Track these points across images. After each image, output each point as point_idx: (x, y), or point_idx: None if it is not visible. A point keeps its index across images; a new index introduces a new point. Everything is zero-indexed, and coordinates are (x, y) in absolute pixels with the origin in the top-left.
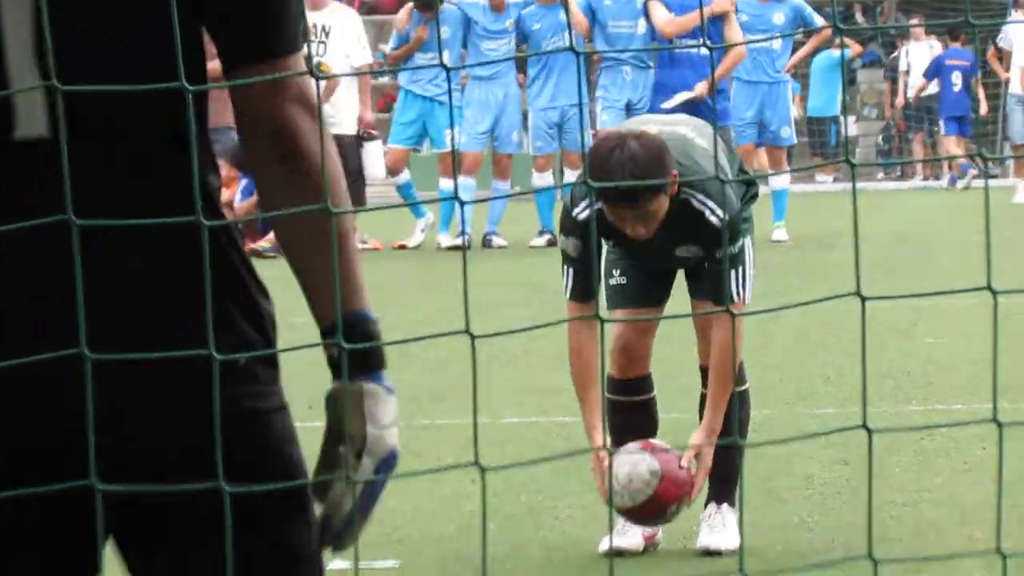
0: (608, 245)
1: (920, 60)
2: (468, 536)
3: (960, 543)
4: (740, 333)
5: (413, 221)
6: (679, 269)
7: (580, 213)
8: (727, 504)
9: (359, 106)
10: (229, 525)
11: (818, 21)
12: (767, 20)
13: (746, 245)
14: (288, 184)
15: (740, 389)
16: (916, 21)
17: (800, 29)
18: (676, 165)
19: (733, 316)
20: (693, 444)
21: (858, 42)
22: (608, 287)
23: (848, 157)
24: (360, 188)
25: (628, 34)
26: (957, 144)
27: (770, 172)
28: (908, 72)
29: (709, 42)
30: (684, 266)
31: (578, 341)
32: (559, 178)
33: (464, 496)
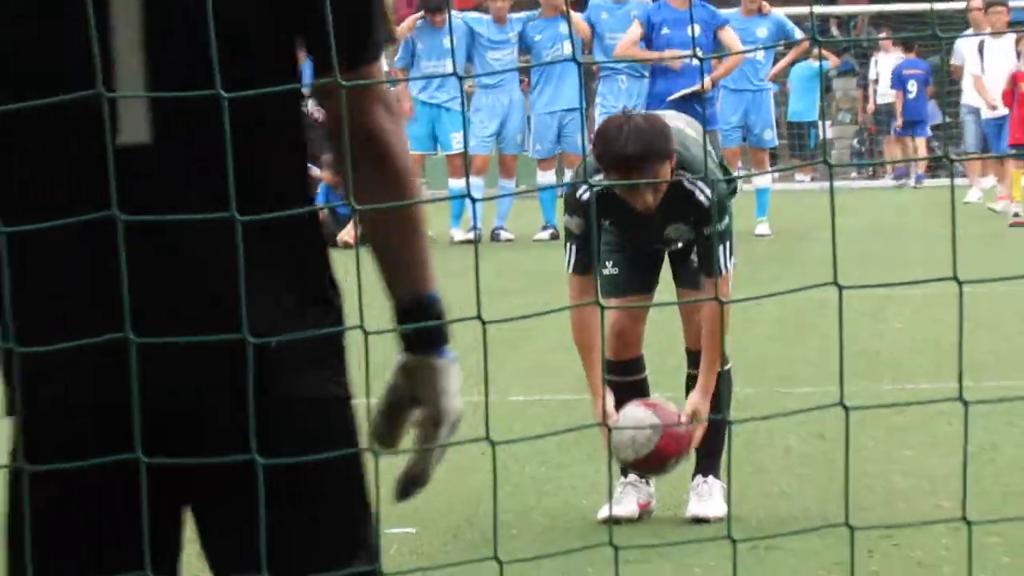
0: (607, 225)
1: (888, 70)
2: (479, 504)
3: (928, 511)
4: (726, 298)
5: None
6: (665, 250)
7: (583, 193)
8: (714, 476)
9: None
10: (258, 498)
11: (797, 34)
12: (751, 33)
13: (730, 225)
14: (377, 181)
15: (723, 369)
16: (885, 34)
17: (781, 41)
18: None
19: (721, 303)
20: (691, 402)
21: (834, 53)
22: (602, 277)
23: (826, 158)
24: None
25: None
26: (925, 144)
27: (754, 172)
28: (877, 81)
29: (700, 52)
30: (670, 247)
31: (580, 314)
32: (560, 178)
33: (475, 467)
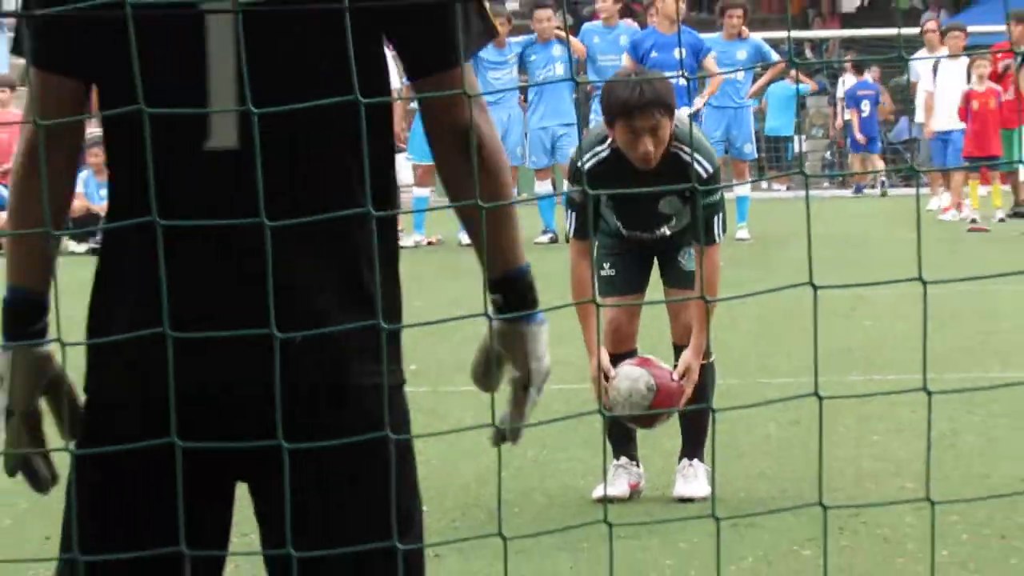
0: (606, 202)
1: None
2: (484, 485)
3: (894, 492)
4: (717, 267)
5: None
6: (656, 234)
7: (586, 164)
8: (698, 459)
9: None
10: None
11: (774, 56)
12: (732, 55)
13: (722, 201)
14: (470, 172)
15: (708, 361)
16: (851, 56)
17: (759, 63)
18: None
19: (707, 301)
20: (684, 359)
21: (807, 75)
22: (599, 278)
23: (802, 170)
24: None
25: (615, 66)
26: (859, 159)
27: (735, 182)
28: (844, 99)
29: (690, 73)
30: (661, 226)
31: (579, 274)
32: (557, 187)
33: (481, 451)
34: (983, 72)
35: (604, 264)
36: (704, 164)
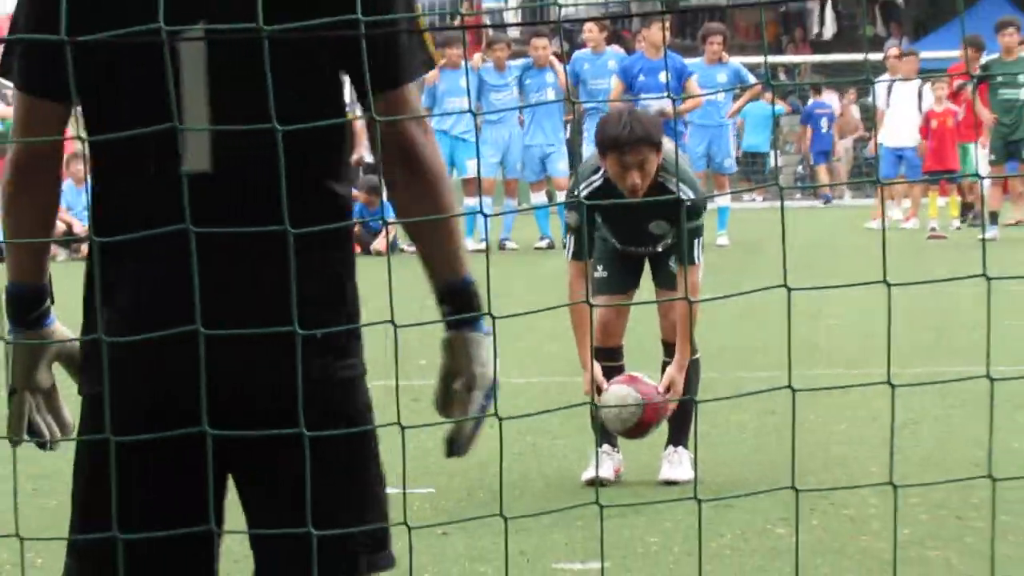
0: (601, 222)
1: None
2: (487, 469)
3: (859, 476)
4: (697, 286)
5: None
6: (648, 250)
7: (582, 192)
8: (683, 446)
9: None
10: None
11: (751, 79)
12: (713, 78)
13: (703, 226)
14: (412, 187)
15: (693, 358)
16: (821, 79)
17: (737, 85)
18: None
19: (691, 302)
20: (668, 375)
21: (780, 97)
22: (592, 279)
23: (778, 182)
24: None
25: (604, 89)
26: (826, 171)
27: (716, 193)
28: (801, 117)
29: (672, 94)
30: (650, 246)
31: (576, 294)
32: (552, 198)
33: (485, 438)
34: (941, 94)
35: (598, 267)
36: (687, 192)
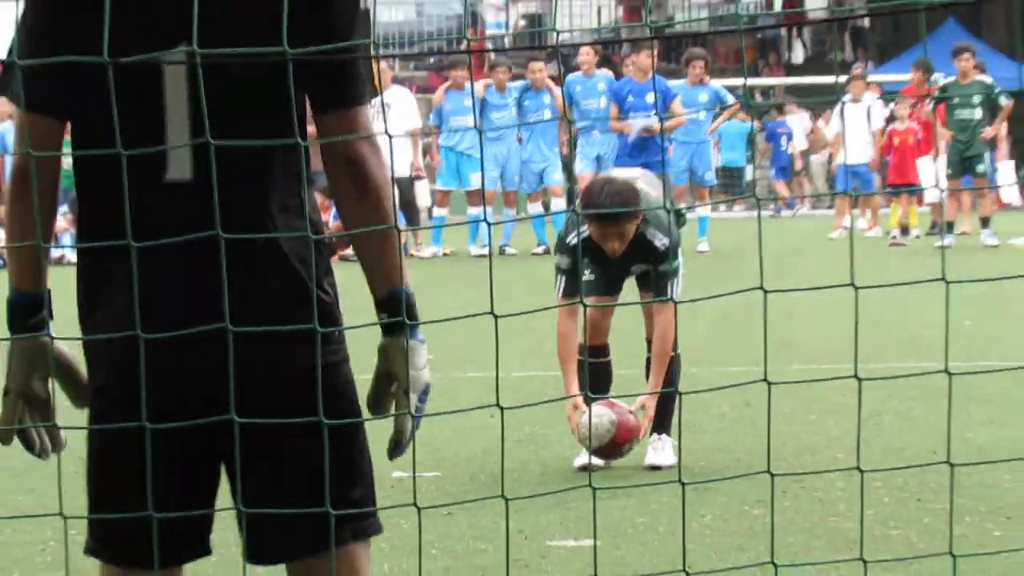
0: (587, 263)
1: (797, 128)
2: (489, 455)
3: (828, 462)
4: (672, 321)
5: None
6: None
7: (571, 240)
8: (666, 434)
9: (412, 156)
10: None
11: (730, 99)
12: (695, 99)
13: (680, 263)
14: (358, 200)
15: (674, 354)
16: (792, 99)
17: (718, 105)
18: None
19: (675, 303)
20: (640, 400)
21: (751, 116)
22: (583, 282)
23: (755, 194)
24: (415, 213)
25: (594, 109)
26: (786, 185)
27: (697, 204)
28: (765, 135)
29: (661, 113)
30: (635, 274)
31: (564, 329)
32: (548, 208)
33: (486, 427)
34: (903, 114)
35: (586, 271)
36: (663, 240)
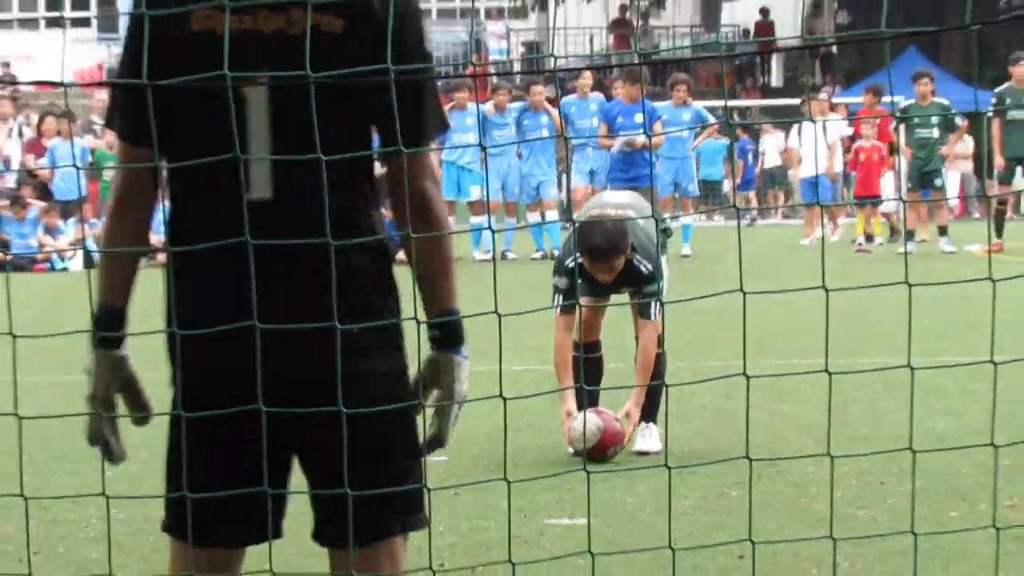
0: (581, 282)
1: (771, 147)
2: (493, 441)
3: (800, 447)
4: (654, 340)
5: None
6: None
7: (569, 263)
8: (653, 422)
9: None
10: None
11: (710, 119)
12: (679, 117)
13: (663, 286)
14: (422, 228)
15: (660, 351)
16: (768, 119)
17: (699, 124)
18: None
19: (662, 304)
20: (626, 407)
21: (724, 134)
22: (578, 300)
23: (735, 204)
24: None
25: (587, 128)
26: (743, 199)
27: (681, 214)
28: (764, 153)
29: (648, 132)
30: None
31: (561, 341)
32: (543, 217)
33: (491, 415)
34: (869, 133)
35: (579, 278)
36: (648, 266)
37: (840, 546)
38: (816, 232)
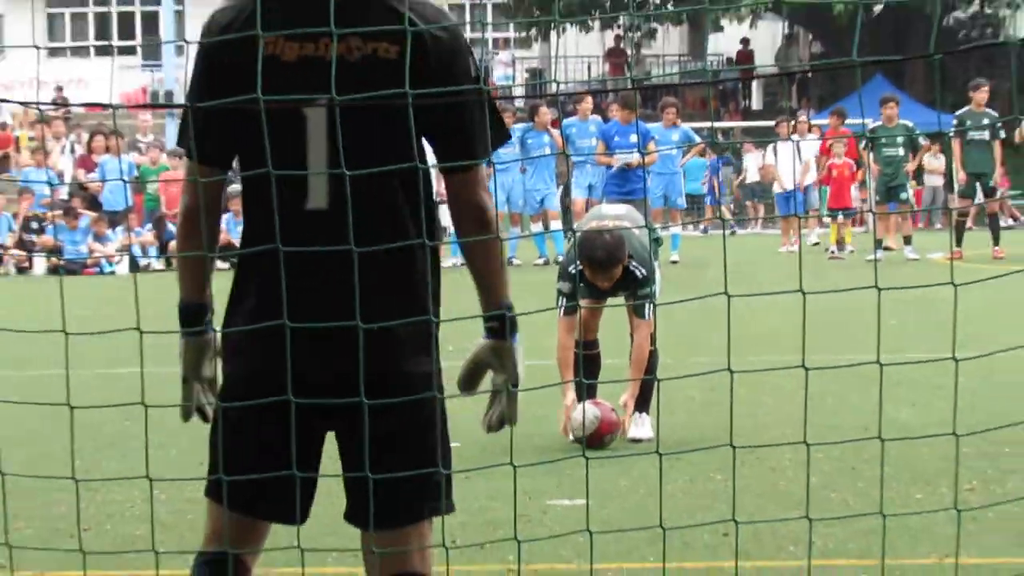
0: (581, 286)
1: (751, 163)
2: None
3: (778, 436)
4: (648, 338)
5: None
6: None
7: (571, 269)
8: (645, 413)
9: (436, 185)
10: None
11: (696, 138)
12: (668, 137)
13: (655, 290)
14: (478, 234)
15: (653, 348)
16: (749, 139)
17: (686, 144)
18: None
19: (655, 305)
20: (623, 399)
21: (718, 153)
22: (579, 304)
23: (720, 216)
24: (439, 231)
25: (586, 147)
26: (715, 210)
27: (670, 224)
28: (746, 169)
29: (641, 150)
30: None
31: (563, 342)
32: (545, 228)
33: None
34: (840, 151)
35: (579, 282)
36: (642, 270)
37: (815, 526)
38: (791, 242)
